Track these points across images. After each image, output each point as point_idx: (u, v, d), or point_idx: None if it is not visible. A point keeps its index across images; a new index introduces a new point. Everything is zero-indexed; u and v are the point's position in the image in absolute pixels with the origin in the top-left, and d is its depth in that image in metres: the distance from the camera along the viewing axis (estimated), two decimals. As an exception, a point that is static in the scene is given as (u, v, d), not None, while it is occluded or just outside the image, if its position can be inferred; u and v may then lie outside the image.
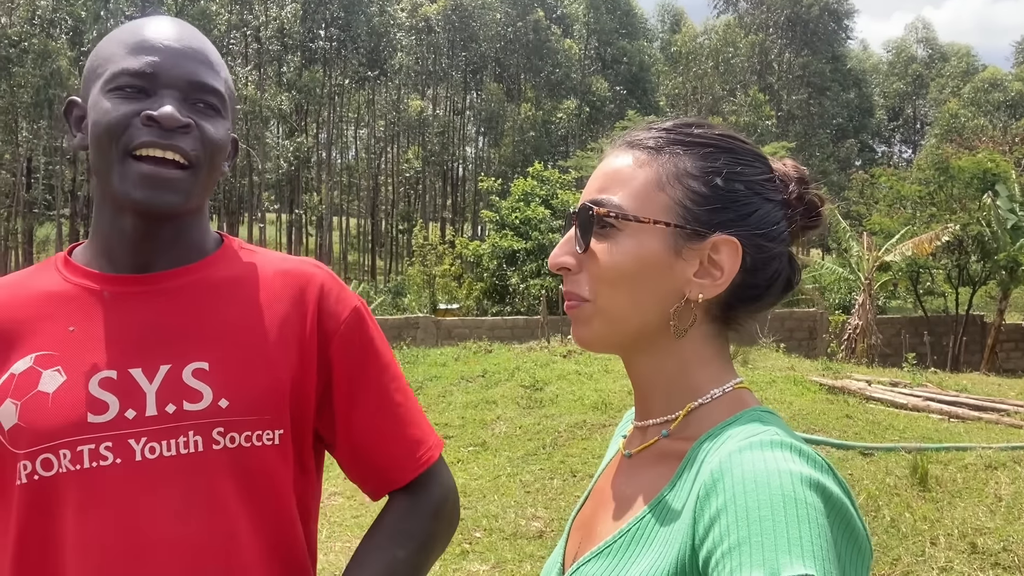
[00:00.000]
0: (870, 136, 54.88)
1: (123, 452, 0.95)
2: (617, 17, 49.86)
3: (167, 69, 0.98)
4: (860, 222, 21.00)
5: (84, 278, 1.03)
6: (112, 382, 0.97)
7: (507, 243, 18.27)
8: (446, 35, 45.46)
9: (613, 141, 0.84)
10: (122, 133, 0.95)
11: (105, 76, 0.98)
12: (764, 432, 0.70)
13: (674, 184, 0.77)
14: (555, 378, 8.70)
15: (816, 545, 0.58)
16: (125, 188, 0.96)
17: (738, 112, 44.78)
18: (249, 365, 1.01)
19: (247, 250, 1.12)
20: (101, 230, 1.04)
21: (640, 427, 0.83)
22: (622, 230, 0.76)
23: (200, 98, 1.00)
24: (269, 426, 1.00)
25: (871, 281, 14.82)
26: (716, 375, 0.80)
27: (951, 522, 4.54)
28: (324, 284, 1.09)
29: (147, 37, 0.99)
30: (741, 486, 0.63)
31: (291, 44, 42.20)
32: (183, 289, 1.03)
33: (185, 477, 0.96)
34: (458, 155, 50.40)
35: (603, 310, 0.78)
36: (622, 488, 0.81)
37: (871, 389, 8.48)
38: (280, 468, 1.03)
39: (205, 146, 0.99)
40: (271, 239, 44.14)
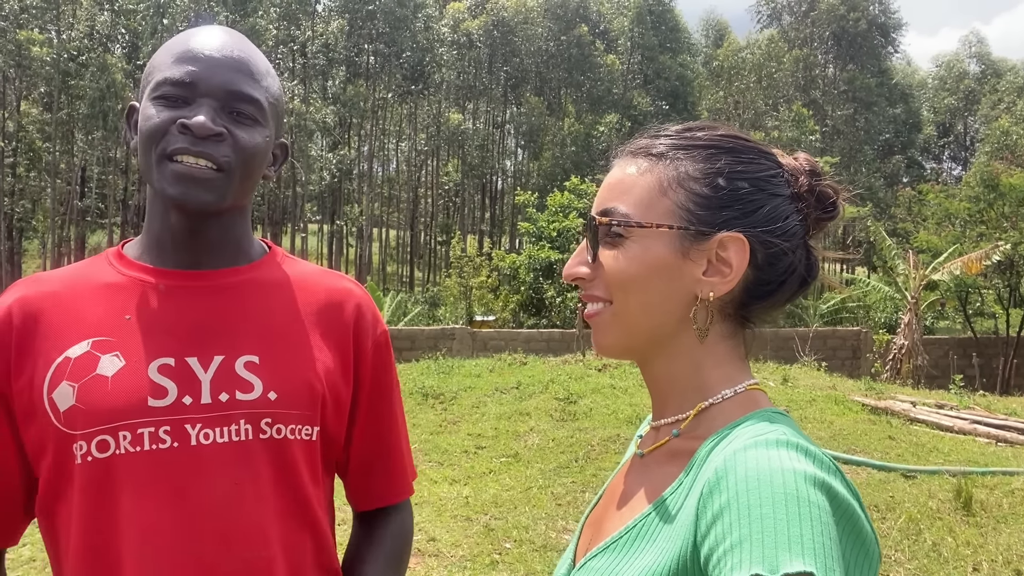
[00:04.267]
0: (918, 152, 53.61)
1: (180, 436, 0.99)
2: (662, 33, 49.70)
3: (205, 79, 1.02)
4: (907, 240, 20.53)
5: (137, 271, 1.07)
6: (170, 368, 1.01)
7: (544, 255, 18.27)
8: (487, 49, 45.84)
9: (618, 152, 0.85)
10: (160, 138, 1.01)
11: (152, 84, 1.04)
12: (771, 431, 0.69)
13: (676, 188, 0.79)
14: (589, 391, 8.66)
15: (817, 543, 0.58)
16: (162, 186, 1.02)
17: (781, 127, 44.17)
18: (294, 362, 1.07)
19: (291, 259, 1.19)
20: (152, 227, 1.09)
21: (654, 427, 0.84)
22: (628, 237, 0.79)
23: (237, 107, 1.03)
24: (309, 422, 1.06)
25: (917, 300, 14.45)
26: (729, 375, 0.80)
27: (995, 548, 4.39)
28: (362, 303, 1.17)
29: (191, 47, 1.04)
30: (744, 484, 0.63)
31: (336, 59, 43.02)
32: (233, 287, 1.09)
33: (235, 463, 1.01)
34: (497, 168, 50.65)
35: (619, 314, 0.80)
36: (632, 486, 0.83)
37: (916, 410, 8.26)
38: (313, 462, 1.08)
39: (238, 153, 1.03)
40: (312, 249, 44.86)
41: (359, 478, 1.19)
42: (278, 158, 1.15)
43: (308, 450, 1.07)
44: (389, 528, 1.21)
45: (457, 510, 5.46)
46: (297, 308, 1.11)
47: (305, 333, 1.09)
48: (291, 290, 1.12)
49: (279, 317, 1.09)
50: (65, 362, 1.00)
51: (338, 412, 1.11)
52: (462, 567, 4.48)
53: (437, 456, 6.87)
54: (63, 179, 37.94)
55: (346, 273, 16.09)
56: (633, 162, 0.82)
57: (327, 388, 1.08)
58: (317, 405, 1.07)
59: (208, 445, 1.00)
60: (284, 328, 1.09)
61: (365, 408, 1.16)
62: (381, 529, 1.20)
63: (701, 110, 49.40)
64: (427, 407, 8.66)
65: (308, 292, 1.13)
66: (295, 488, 1.05)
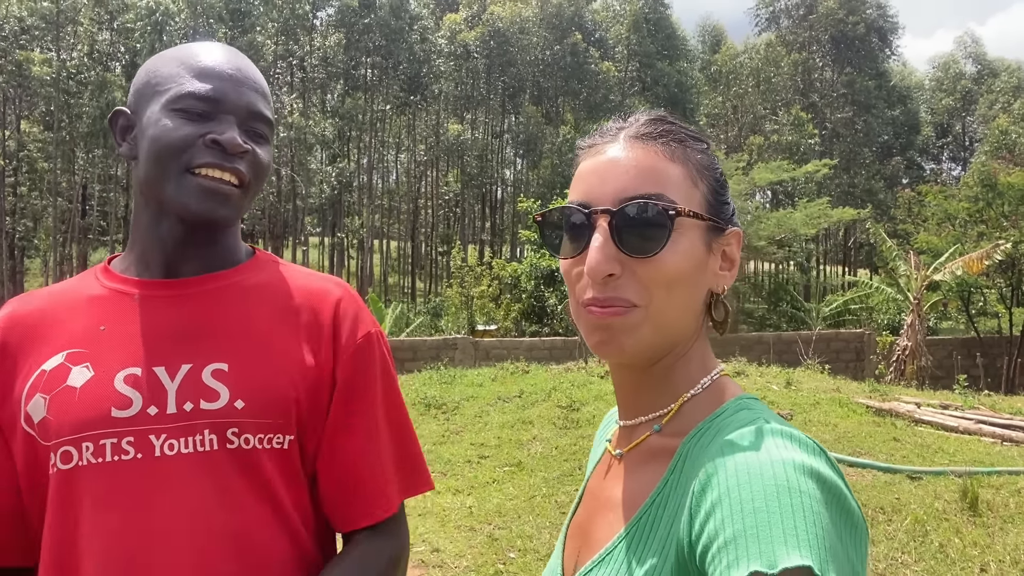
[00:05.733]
0: (917, 153, 53.61)
1: (144, 447, 0.97)
2: (659, 39, 49.83)
3: (230, 97, 1.04)
4: (908, 241, 20.51)
5: (118, 283, 1.08)
6: (136, 379, 1.00)
7: (545, 263, 18.27)
8: (484, 60, 46.02)
9: (613, 135, 0.78)
10: (183, 152, 1.01)
11: (169, 95, 1.03)
12: (753, 422, 0.69)
13: (702, 178, 0.77)
14: (592, 398, 8.64)
15: (812, 534, 0.57)
16: (183, 199, 1.02)
17: (780, 131, 44.25)
18: (266, 369, 1.04)
19: (276, 263, 1.17)
20: (137, 238, 1.10)
21: (628, 426, 0.81)
22: (675, 229, 0.73)
23: (254, 126, 1.06)
24: (280, 430, 1.02)
25: (920, 301, 14.42)
26: (705, 364, 0.80)
27: (1002, 548, 4.36)
28: (342, 303, 1.11)
29: (211, 64, 1.05)
30: (735, 479, 0.62)
31: (335, 72, 43.21)
32: (211, 293, 1.07)
33: (200, 474, 0.98)
34: (497, 178, 50.75)
35: (654, 316, 0.73)
36: (615, 490, 0.80)
37: (920, 411, 8.22)
38: (290, 471, 1.04)
39: (255, 170, 1.06)
40: (314, 262, 44.91)
41: (327, 495, 1.08)
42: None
43: (281, 459, 1.02)
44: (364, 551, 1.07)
45: (461, 520, 5.44)
46: (276, 311, 1.08)
47: (282, 337, 1.06)
48: (272, 293, 1.10)
49: (256, 322, 1.07)
50: (41, 375, 1.01)
51: (317, 419, 1.06)
52: (466, 577, 4.45)
53: (440, 466, 6.85)
54: (64, 197, 38.06)
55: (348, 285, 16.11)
56: (652, 148, 0.76)
57: (304, 394, 1.04)
58: (290, 413, 1.03)
59: (172, 456, 0.97)
60: (260, 333, 1.06)
61: (335, 417, 1.07)
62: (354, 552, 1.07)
63: (700, 116, 49.50)
64: (430, 417, 8.64)
65: (288, 294, 1.10)
66: (270, 498, 1.02)
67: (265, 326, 1.07)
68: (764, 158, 31.70)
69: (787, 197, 39.59)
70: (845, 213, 22.56)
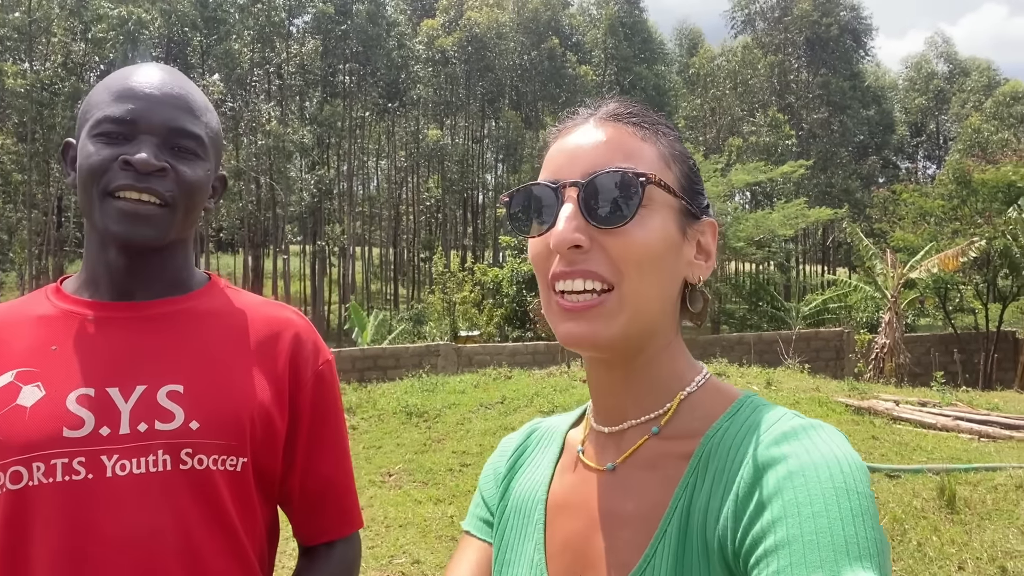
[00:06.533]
0: (892, 153, 54.27)
1: (95, 468, 0.97)
2: (636, 43, 50.10)
3: (147, 116, 1.03)
4: (884, 239, 20.73)
5: (70, 304, 1.08)
6: (89, 399, 1.00)
7: (526, 267, 18.29)
8: (462, 65, 46.02)
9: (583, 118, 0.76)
10: (102, 175, 1.01)
11: (91, 121, 1.04)
12: (784, 418, 0.67)
13: (674, 162, 0.75)
14: (575, 403, 8.63)
15: (871, 540, 0.55)
16: (105, 223, 1.02)
17: (758, 132, 44.61)
18: (221, 392, 1.05)
19: (232, 290, 1.18)
20: (89, 262, 1.10)
21: (613, 432, 0.76)
22: (646, 205, 0.70)
23: (178, 143, 1.05)
24: (234, 452, 1.04)
25: (897, 299, 14.58)
26: (691, 362, 0.77)
27: (980, 545, 4.39)
28: (301, 332, 1.14)
29: (130, 85, 1.05)
30: (788, 479, 0.59)
31: (312, 80, 42.99)
32: (165, 317, 1.08)
33: (153, 495, 0.98)
34: (478, 183, 50.74)
35: (628, 299, 0.69)
36: (618, 504, 0.73)
37: (899, 409, 8.30)
38: (242, 494, 1.06)
39: (181, 187, 1.05)
40: (295, 270, 44.59)
41: (303, 512, 1.16)
42: (217, 190, 1.16)
43: (234, 481, 1.04)
44: (331, 560, 1.17)
45: (442, 530, 5.40)
46: (231, 337, 1.10)
47: (237, 362, 1.08)
48: (227, 320, 1.12)
49: (211, 346, 1.08)
50: None
51: (271, 444, 1.09)
52: (447, 589, 4.41)
53: (422, 476, 6.81)
54: (40, 209, 37.53)
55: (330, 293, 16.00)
56: (623, 128, 0.73)
57: (257, 419, 1.06)
58: (245, 436, 1.04)
59: (125, 476, 0.97)
60: (215, 357, 1.07)
61: (305, 441, 1.13)
62: (322, 562, 1.17)
63: (679, 119, 49.82)
64: (411, 426, 8.59)
65: (244, 322, 1.12)
66: (221, 520, 1.03)
67: (220, 351, 1.08)
68: (743, 160, 31.95)
69: (765, 198, 39.94)
70: (822, 213, 22.78)
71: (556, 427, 0.88)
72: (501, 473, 0.88)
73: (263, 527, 1.11)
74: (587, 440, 0.80)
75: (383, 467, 7.13)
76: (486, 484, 0.90)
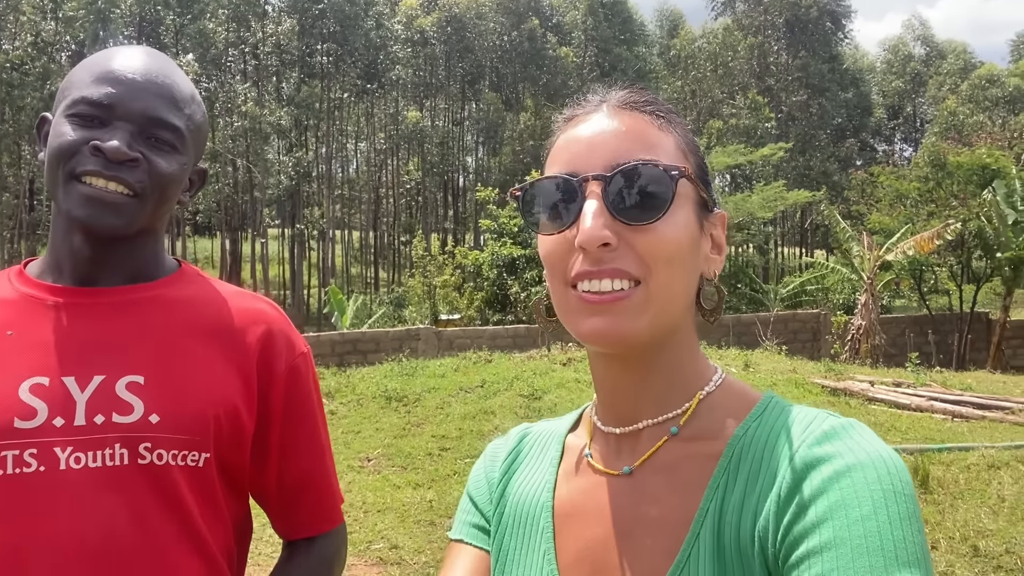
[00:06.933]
0: (870, 135, 54.71)
1: (47, 460, 0.94)
2: (616, 24, 49.87)
3: (125, 102, 0.99)
4: (861, 222, 20.92)
5: (31, 287, 1.04)
6: (43, 389, 0.96)
7: (507, 251, 18.24)
8: (442, 46, 45.56)
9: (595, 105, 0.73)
10: (70, 158, 0.97)
11: (67, 100, 1.00)
12: (821, 415, 0.65)
13: (690, 152, 0.72)
14: (554, 386, 8.64)
15: (918, 545, 0.55)
16: (69, 207, 0.98)
17: (738, 115, 44.73)
18: (185, 385, 1.01)
19: (203, 278, 1.14)
20: (54, 245, 1.06)
21: (624, 434, 0.73)
22: (676, 194, 0.67)
23: (155, 133, 1.01)
24: (196, 447, 1.00)
25: (873, 281, 14.74)
26: (706, 361, 0.74)
27: (952, 525, 4.46)
28: (274, 325, 1.10)
29: (112, 68, 1.01)
30: (834, 479, 0.58)
31: (289, 60, 42.36)
32: (130, 305, 1.04)
33: (108, 490, 0.95)
34: (458, 165, 50.46)
35: (656, 296, 0.66)
36: (638, 510, 0.70)
37: (874, 390, 8.40)
38: (205, 489, 1.02)
39: (152, 179, 1.00)
40: (274, 254, 44.21)
41: (282, 509, 1.14)
42: (195, 184, 1.12)
43: (195, 477, 1.00)
44: (312, 553, 1.15)
45: (420, 515, 5.39)
46: (199, 328, 1.06)
47: (203, 354, 1.04)
48: (195, 309, 1.07)
49: (177, 337, 1.04)
50: None
51: (237, 439, 1.05)
52: (424, 574, 4.40)
53: (400, 460, 6.79)
54: (11, 192, 36.80)
55: (310, 277, 15.84)
56: (640, 117, 0.71)
57: (223, 413, 1.02)
58: (208, 430, 1.01)
59: (79, 470, 0.94)
60: (180, 348, 1.03)
61: (278, 436, 1.09)
62: (302, 556, 1.15)
63: (659, 100, 49.69)
64: (390, 410, 8.56)
65: (213, 312, 1.08)
66: (181, 516, 0.99)
67: (186, 341, 1.04)
68: (723, 142, 32.04)
69: (745, 181, 40.12)
70: (800, 195, 22.92)
71: (552, 431, 0.85)
72: (495, 478, 0.84)
73: (229, 522, 1.07)
74: (593, 443, 0.77)
75: (362, 452, 7.10)
76: (477, 490, 0.85)
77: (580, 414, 0.84)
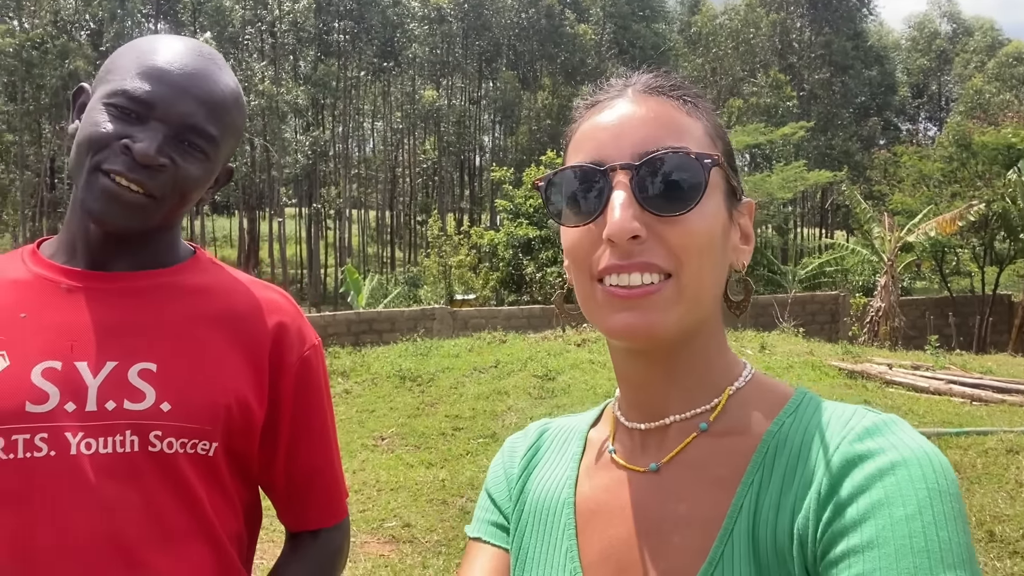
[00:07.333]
0: (894, 114, 53.73)
1: (58, 445, 0.93)
2: (635, 1, 49.16)
3: (165, 104, 0.97)
4: (883, 202, 20.62)
5: (45, 269, 1.02)
6: (55, 373, 0.96)
7: (522, 231, 18.18)
8: (459, 24, 45.20)
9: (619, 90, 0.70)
10: (99, 150, 0.96)
11: (109, 88, 0.99)
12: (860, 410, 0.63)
13: (718, 139, 0.69)
14: (568, 367, 8.63)
15: (964, 546, 0.53)
16: (86, 198, 0.97)
17: (759, 93, 44.09)
18: (196, 374, 1.01)
19: (217, 266, 1.13)
20: (70, 226, 1.05)
21: (649, 430, 0.71)
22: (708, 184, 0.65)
23: (189, 138, 0.99)
24: (206, 437, 1.00)
25: (893, 262, 14.55)
26: (734, 355, 0.72)
27: (969, 510, 4.41)
28: (286, 316, 1.10)
29: (158, 64, 0.99)
30: (877, 476, 0.56)
31: (306, 38, 42.23)
32: (144, 291, 1.03)
33: (119, 476, 0.95)
34: (475, 145, 50.24)
35: (687, 289, 0.64)
36: (666, 507, 0.68)
37: (892, 373, 8.31)
38: (213, 478, 1.02)
39: (176, 183, 0.99)
40: (291, 233, 44.41)
41: (288, 501, 1.14)
42: (219, 181, 1.10)
43: (204, 465, 1.00)
44: (317, 545, 1.15)
45: (433, 494, 5.42)
46: (212, 316, 1.05)
47: (216, 343, 1.03)
48: (208, 297, 1.07)
49: (189, 325, 1.03)
50: None
51: (247, 430, 1.05)
52: (436, 552, 4.44)
53: (414, 440, 6.83)
54: (32, 170, 37.16)
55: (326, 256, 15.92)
56: (667, 102, 0.68)
57: (234, 403, 1.02)
58: (218, 420, 1.00)
59: (90, 456, 0.93)
60: (192, 336, 1.03)
61: (289, 429, 1.09)
62: (308, 547, 1.15)
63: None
64: (404, 390, 8.60)
65: (227, 301, 1.07)
66: (190, 504, 0.99)
67: (199, 330, 1.03)
68: (742, 121, 31.61)
69: (764, 160, 39.63)
70: (821, 176, 22.59)
71: (572, 426, 0.83)
72: (514, 475, 0.82)
73: (239, 509, 1.07)
74: (616, 438, 0.75)
75: (375, 431, 7.14)
76: (496, 486, 0.83)
77: (602, 409, 0.83)
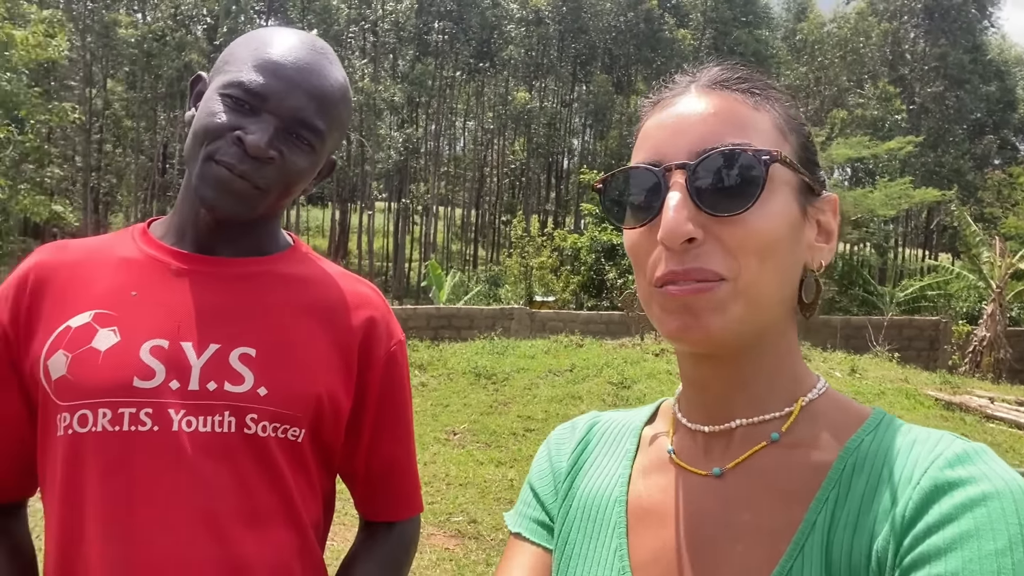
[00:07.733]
0: (1012, 133, 50.34)
1: (161, 420, 0.97)
2: (737, 6, 47.96)
3: (278, 97, 1.00)
4: (995, 225, 19.35)
5: (155, 249, 1.07)
6: (162, 351, 1.00)
7: (606, 236, 18.02)
8: (556, 26, 45.26)
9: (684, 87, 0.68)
10: (213, 140, 1.00)
11: (226, 78, 1.02)
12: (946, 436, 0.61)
13: (791, 132, 0.66)
14: (644, 376, 8.49)
15: None
16: (199, 185, 1.02)
17: (865, 104, 42.20)
18: (292, 361, 1.04)
19: (313, 257, 1.17)
20: (181, 210, 1.09)
21: (713, 433, 0.68)
22: (768, 180, 0.62)
23: (298, 131, 1.02)
24: (297, 423, 1.03)
25: (1003, 289, 13.63)
26: (806, 367, 0.69)
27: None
28: (376, 311, 1.13)
29: (274, 59, 1.02)
30: (967, 507, 0.54)
31: (406, 37, 43.26)
32: (246, 278, 1.08)
33: (216, 455, 0.98)
34: (564, 147, 50.19)
35: (746, 290, 0.62)
36: (728, 515, 0.66)
37: (993, 407, 7.79)
38: (300, 463, 1.05)
39: (282, 176, 1.03)
40: (379, 227, 45.57)
41: (367, 491, 1.18)
42: (323, 174, 1.14)
43: (293, 451, 1.03)
44: (392, 536, 1.18)
45: (501, 493, 5.43)
46: (307, 306, 1.08)
47: (310, 333, 1.07)
48: (305, 287, 1.10)
49: (286, 313, 1.07)
50: (65, 331, 1.00)
51: (334, 418, 1.08)
52: (500, 550, 4.43)
53: (485, 437, 6.86)
54: (146, 155, 39.55)
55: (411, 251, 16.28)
56: (731, 96, 0.65)
57: (325, 392, 1.05)
58: (310, 407, 1.03)
59: (190, 433, 0.97)
60: (289, 325, 1.06)
61: (372, 421, 1.12)
62: (382, 537, 1.18)
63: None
64: (479, 387, 8.66)
65: (322, 292, 1.10)
66: (279, 488, 1.02)
67: (296, 318, 1.07)
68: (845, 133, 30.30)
69: (867, 175, 37.87)
70: (928, 194, 21.37)
71: (626, 422, 0.80)
72: (562, 470, 0.79)
73: (320, 497, 1.10)
74: (676, 439, 0.72)
75: (448, 425, 7.22)
76: (541, 481, 0.80)
77: (657, 407, 0.79)
